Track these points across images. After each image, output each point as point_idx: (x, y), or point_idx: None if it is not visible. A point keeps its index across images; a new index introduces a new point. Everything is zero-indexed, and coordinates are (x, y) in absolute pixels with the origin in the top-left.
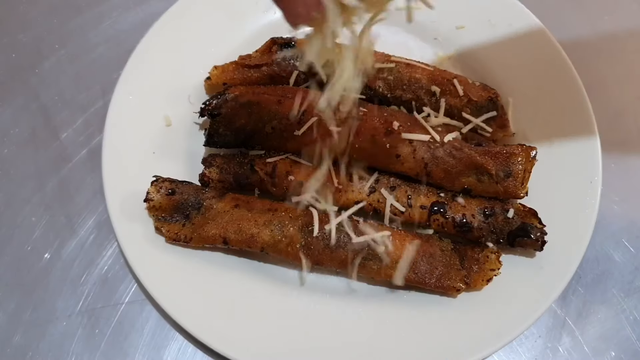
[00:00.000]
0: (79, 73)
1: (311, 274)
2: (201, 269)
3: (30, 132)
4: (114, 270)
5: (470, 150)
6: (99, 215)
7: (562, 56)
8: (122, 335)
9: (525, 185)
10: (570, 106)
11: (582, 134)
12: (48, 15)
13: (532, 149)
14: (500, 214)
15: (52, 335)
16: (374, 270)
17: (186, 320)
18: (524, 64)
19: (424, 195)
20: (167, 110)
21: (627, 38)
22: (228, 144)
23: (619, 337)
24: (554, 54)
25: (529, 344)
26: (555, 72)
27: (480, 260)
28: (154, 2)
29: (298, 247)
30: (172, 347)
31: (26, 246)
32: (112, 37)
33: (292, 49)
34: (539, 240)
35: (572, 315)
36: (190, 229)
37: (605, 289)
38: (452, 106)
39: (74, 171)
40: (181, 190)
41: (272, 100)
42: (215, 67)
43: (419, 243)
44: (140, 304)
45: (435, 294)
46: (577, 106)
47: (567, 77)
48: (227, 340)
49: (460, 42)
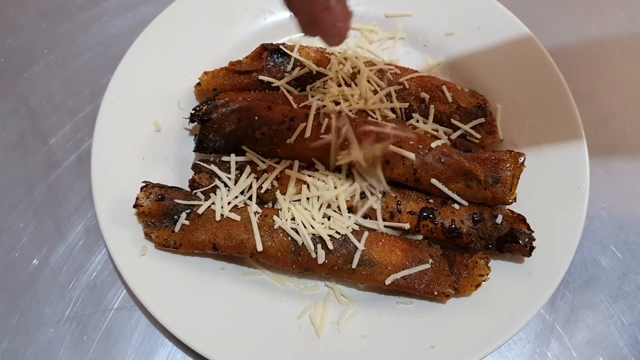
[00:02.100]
0: (68, 78)
1: (301, 280)
2: (191, 275)
3: (18, 137)
4: (102, 277)
5: (459, 157)
6: (87, 220)
7: (550, 63)
8: (110, 341)
9: (513, 191)
10: (558, 113)
11: (569, 140)
12: (37, 20)
13: (520, 155)
14: (489, 219)
15: (40, 342)
16: (364, 275)
17: (175, 326)
18: (513, 71)
19: (413, 201)
20: (157, 116)
21: (615, 45)
22: (218, 150)
23: (607, 342)
24: (542, 61)
25: (517, 349)
26: (543, 79)
27: (469, 265)
28: (143, 7)
29: (288, 253)
30: (161, 353)
31: (14, 252)
32: (102, 42)
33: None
34: (527, 246)
35: (561, 321)
36: (179, 235)
37: (593, 294)
38: (441, 112)
39: (63, 176)
40: (171, 195)
41: (262, 106)
42: (206, 72)
43: (408, 249)
44: (129, 310)
45: (425, 299)
46: (565, 113)
47: (555, 84)
48: (217, 346)
49: (450, 49)
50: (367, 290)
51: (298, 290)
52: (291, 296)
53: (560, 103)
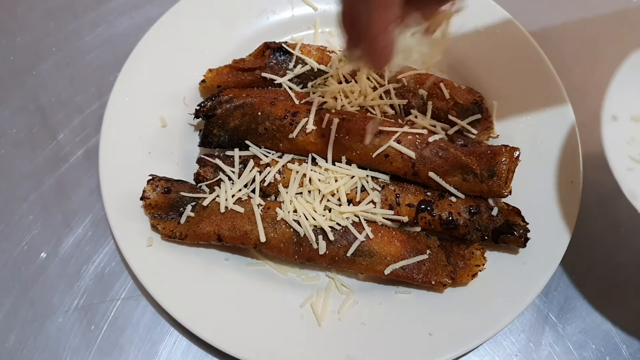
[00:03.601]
0: (76, 75)
1: (302, 270)
2: (196, 265)
3: (27, 133)
4: (110, 267)
5: (456, 151)
6: (95, 213)
7: (544, 61)
8: (118, 330)
9: (509, 184)
10: (552, 109)
11: (563, 135)
12: (45, 18)
13: (515, 150)
14: (485, 212)
15: (49, 330)
16: (364, 266)
17: (181, 315)
18: (508, 68)
19: (411, 194)
20: (163, 112)
21: (608, 42)
22: (222, 144)
23: (599, 331)
24: (537, 59)
25: (513, 338)
26: (538, 77)
27: (466, 256)
28: (149, 7)
29: (290, 244)
30: (167, 341)
31: (23, 244)
32: (108, 40)
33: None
34: (522, 237)
35: (555, 310)
36: (185, 227)
37: (587, 284)
38: (438, 109)
39: (71, 170)
40: (176, 188)
41: (265, 101)
42: (210, 70)
43: (406, 240)
44: (135, 299)
45: (423, 288)
46: (559, 109)
47: (549, 82)
48: (221, 334)
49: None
50: (367, 280)
51: (300, 280)
52: (293, 286)
53: (554, 99)
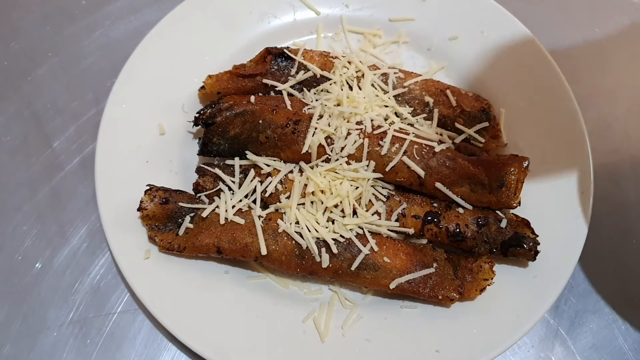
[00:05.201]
0: (72, 81)
1: (305, 283)
2: (194, 279)
3: (22, 140)
4: (106, 280)
5: (463, 161)
6: (91, 224)
7: (553, 68)
8: (114, 345)
9: (518, 195)
10: (562, 117)
11: (573, 144)
12: (41, 23)
13: (524, 159)
14: (494, 223)
15: (43, 345)
16: (368, 279)
17: (179, 330)
18: (516, 75)
19: (417, 205)
20: (161, 119)
21: (618, 50)
22: (222, 153)
23: (611, 347)
24: (546, 66)
25: (522, 354)
26: (546, 84)
27: (474, 270)
28: (147, 11)
29: (292, 257)
30: (165, 357)
31: (17, 255)
32: (106, 45)
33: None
34: (531, 250)
35: (565, 325)
36: (183, 238)
37: (598, 299)
38: (445, 116)
39: (67, 179)
40: (175, 199)
41: (267, 109)
42: (210, 76)
43: (412, 253)
44: (132, 313)
45: (429, 303)
46: (569, 117)
47: (558, 89)
48: (221, 350)
49: (453, 53)
50: (372, 294)
51: (302, 294)
52: (295, 300)
53: (563, 107)
